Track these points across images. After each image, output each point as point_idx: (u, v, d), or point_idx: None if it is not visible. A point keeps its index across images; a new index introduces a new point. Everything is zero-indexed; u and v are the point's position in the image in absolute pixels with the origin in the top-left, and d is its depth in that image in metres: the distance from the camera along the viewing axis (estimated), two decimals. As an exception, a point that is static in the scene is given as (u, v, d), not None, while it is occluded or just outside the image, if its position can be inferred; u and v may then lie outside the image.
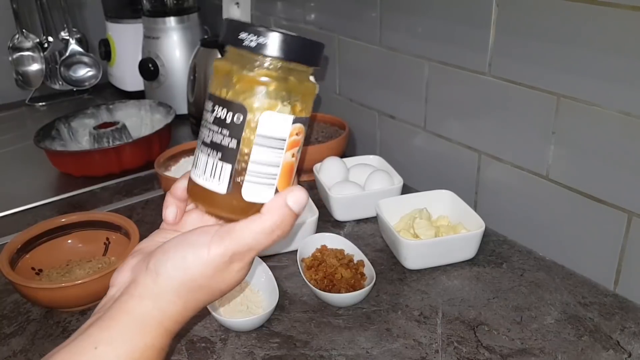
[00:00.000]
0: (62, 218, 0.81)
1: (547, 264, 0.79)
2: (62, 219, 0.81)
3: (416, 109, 0.95)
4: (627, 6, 0.62)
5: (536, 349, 0.64)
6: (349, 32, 1.06)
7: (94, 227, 0.82)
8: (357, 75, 1.08)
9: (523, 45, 0.75)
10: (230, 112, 0.40)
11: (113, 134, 1.11)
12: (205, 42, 1.23)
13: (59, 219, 0.81)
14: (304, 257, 0.78)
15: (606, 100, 0.67)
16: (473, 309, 0.70)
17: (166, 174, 0.95)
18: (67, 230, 0.81)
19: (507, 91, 0.79)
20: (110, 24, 1.47)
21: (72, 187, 1.05)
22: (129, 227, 0.78)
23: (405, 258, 0.77)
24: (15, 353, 0.67)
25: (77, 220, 0.81)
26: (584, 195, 0.73)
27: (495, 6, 0.77)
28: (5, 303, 0.76)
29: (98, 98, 1.55)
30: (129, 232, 0.77)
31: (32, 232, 0.78)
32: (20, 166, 1.19)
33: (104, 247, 0.81)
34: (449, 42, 0.85)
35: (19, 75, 1.49)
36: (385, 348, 0.65)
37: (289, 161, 0.43)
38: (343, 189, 0.89)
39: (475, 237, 0.77)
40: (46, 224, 0.80)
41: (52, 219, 0.81)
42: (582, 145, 0.72)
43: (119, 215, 0.81)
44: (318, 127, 1.07)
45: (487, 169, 0.86)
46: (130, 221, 0.79)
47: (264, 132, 0.40)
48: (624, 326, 0.67)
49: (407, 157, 1.01)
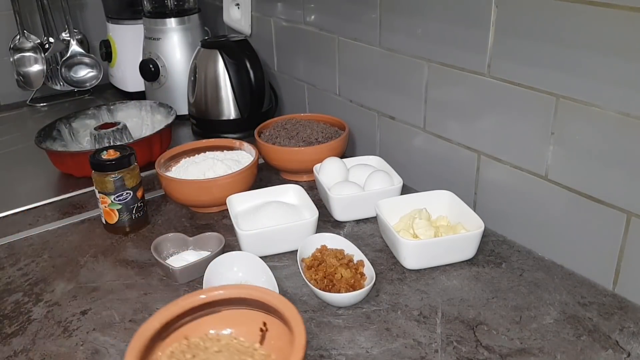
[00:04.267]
0: (201, 294, 0.58)
1: (546, 263, 0.79)
2: (202, 295, 0.58)
3: (416, 109, 0.96)
4: (626, 7, 0.63)
5: (535, 348, 0.64)
6: (349, 33, 1.06)
7: (248, 305, 0.59)
8: (357, 76, 1.08)
9: (522, 46, 0.75)
10: None
11: (114, 135, 1.12)
12: (206, 43, 1.24)
13: (198, 294, 0.58)
14: (304, 257, 0.78)
15: (605, 100, 0.68)
16: (472, 308, 0.71)
17: (167, 174, 0.95)
18: (214, 307, 0.59)
19: (506, 92, 0.79)
20: (111, 25, 1.48)
21: (73, 188, 1.06)
22: (289, 314, 0.55)
23: (405, 258, 0.77)
24: (17, 353, 0.67)
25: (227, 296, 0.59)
26: (583, 195, 0.73)
27: (494, 7, 0.77)
28: (7, 303, 0.76)
29: (99, 99, 1.55)
30: (289, 321, 0.54)
31: (169, 312, 0.56)
32: (22, 167, 1.20)
33: (260, 335, 0.59)
34: (449, 43, 0.86)
35: (20, 76, 1.50)
36: (385, 348, 0.65)
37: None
38: (343, 189, 0.90)
39: (474, 237, 0.77)
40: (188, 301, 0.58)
41: (192, 295, 0.58)
42: (581, 146, 0.72)
43: (278, 296, 0.57)
44: (318, 127, 1.07)
45: (486, 170, 0.86)
46: (291, 305, 0.56)
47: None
48: (623, 326, 0.67)
49: (407, 157, 1.01)
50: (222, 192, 0.91)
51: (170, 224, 0.93)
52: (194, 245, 0.84)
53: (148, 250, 0.82)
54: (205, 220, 0.94)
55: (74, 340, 0.69)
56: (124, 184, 0.87)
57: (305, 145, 1.03)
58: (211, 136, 1.19)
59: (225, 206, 0.90)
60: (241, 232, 0.80)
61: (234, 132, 1.24)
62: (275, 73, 1.34)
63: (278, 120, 1.13)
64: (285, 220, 0.84)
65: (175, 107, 1.25)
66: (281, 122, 1.11)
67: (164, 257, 0.81)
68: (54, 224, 0.95)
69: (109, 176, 0.86)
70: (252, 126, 1.11)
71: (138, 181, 0.89)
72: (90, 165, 0.87)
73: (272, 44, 1.31)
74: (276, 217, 0.84)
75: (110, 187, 0.86)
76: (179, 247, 0.84)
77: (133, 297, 0.76)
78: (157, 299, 0.75)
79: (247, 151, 1.03)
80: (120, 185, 0.87)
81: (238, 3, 1.37)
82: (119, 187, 0.87)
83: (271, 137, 1.07)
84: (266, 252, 0.82)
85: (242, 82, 1.20)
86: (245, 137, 1.18)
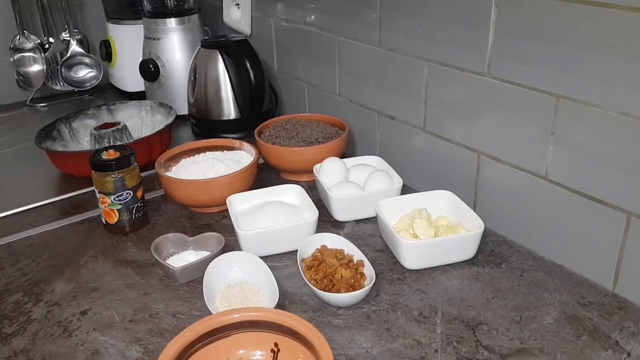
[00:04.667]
0: (218, 317, 0.59)
1: (546, 263, 0.79)
2: (219, 319, 0.59)
3: (416, 109, 0.96)
4: (625, 7, 0.63)
5: (535, 348, 0.64)
6: (349, 33, 1.06)
7: (259, 328, 0.60)
8: (357, 76, 1.08)
9: (522, 46, 0.75)
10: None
11: (114, 135, 1.11)
12: (206, 43, 1.24)
13: (214, 318, 0.59)
14: (304, 257, 0.78)
15: (605, 100, 0.68)
16: (472, 308, 0.71)
17: (167, 174, 0.95)
18: (225, 332, 0.59)
19: (506, 92, 0.79)
20: (111, 25, 1.48)
21: (73, 188, 1.06)
22: (310, 334, 0.55)
23: (405, 258, 0.77)
24: (17, 353, 0.67)
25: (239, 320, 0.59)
26: (583, 195, 0.73)
27: (494, 7, 0.77)
28: (7, 303, 0.76)
29: (99, 99, 1.55)
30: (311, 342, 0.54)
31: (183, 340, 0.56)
32: (22, 167, 1.20)
33: (271, 356, 0.60)
34: (449, 43, 0.86)
35: (20, 76, 1.50)
36: (385, 348, 0.65)
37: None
38: (343, 189, 0.90)
39: (474, 237, 0.77)
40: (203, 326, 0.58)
41: (209, 319, 0.58)
42: (581, 146, 0.72)
43: (294, 317, 0.57)
44: (318, 127, 1.07)
45: (486, 169, 0.86)
46: (310, 326, 0.56)
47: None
48: (623, 326, 0.67)
49: (407, 157, 1.01)
50: (222, 192, 0.91)
51: (170, 224, 0.93)
52: (194, 245, 0.84)
53: (148, 250, 0.82)
54: (205, 220, 0.94)
55: (74, 340, 0.69)
56: (124, 184, 0.87)
57: (305, 145, 1.03)
58: (211, 136, 1.19)
59: (225, 206, 0.90)
60: (241, 232, 0.80)
61: (234, 132, 1.24)
62: (275, 73, 1.34)
63: (278, 120, 1.13)
64: (285, 220, 0.84)
65: (175, 107, 1.25)
66: (281, 122, 1.11)
67: (164, 257, 0.81)
68: (54, 224, 0.95)
69: (109, 176, 0.86)
70: (252, 126, 1.11)
71: (138, 181, 0.89)
72: (90, 165, 0.87)
73: (272, 44, 1.31)
74: (276, 217, 0.84)
75: (110, 187, 0.86)
76: (179, 247, 0.84)
77: (133, 297, 0.76)
78: (157, 299, 0.75)
79: (247, 151, 1.03)
80: (120, 185, 0.87)
81: (238, 3, 1.37)
82: (119, 187, 0.87)
83: (271, 137, 1.07)
84: (266, 252, 0.82)
85: (242, 82, 1.20)
86: (245, 137, 1.18)
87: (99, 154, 0.88)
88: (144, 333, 0.69)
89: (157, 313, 0.73)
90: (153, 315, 0.72)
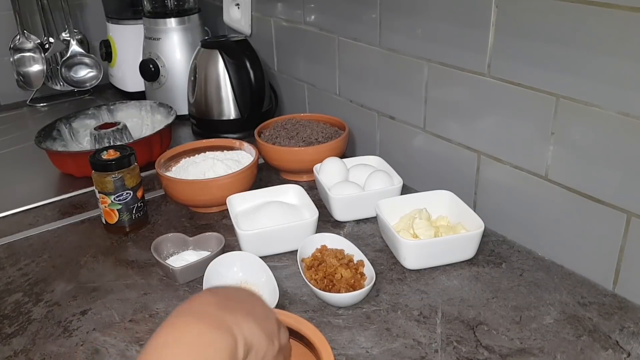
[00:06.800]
0: None
1: (546, 263, 0.79)
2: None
3: (416, 109, 0.96)
4: (626, 7, 0.63)
5: (535, 348, 0.64)
6: (349, 33, 1.06)
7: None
8: (357, 76, 1.08)
9: (522, 46, 0.75)
10: None
11: (114, 135, 1.12)
12: (206, 43, 1.24)
13: None
14: (304, 257, 0.78)
15: (605, 100, 0.68)
16: (472, 308, 0.71)
17: (167, 174, 0.95)
18: None
19: (506, 92, 0.79)
20: (111, 25, 1.48)
21: (73, 188, 1.06)
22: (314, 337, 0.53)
23: (405, 258, 0.77)
24: (17, 353, 0.67)
25: None
26: (583, 195, 0.73)
27: (494, 7, 0.77)
28: (7, 303, 0.76)
29: (99, 99, 1.55)
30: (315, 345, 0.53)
31: None
32: (22, 167, 1.20)
33: None
34: (449, 43, 0.86)
35: (20, 76, 1.50)
36: (385, 348, 0.65)
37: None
38: (343, 189, 0.90)
39: (474, 237, 0.77)
40: None
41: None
42: (581, 146, 0.72)
43: (295, 317, 0.56)
44: (318, 127, 1.07)
45: (486, 170, 0.86)
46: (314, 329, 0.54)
47: None
48: (623, 326, 0.67)
49: (407, 157, 1.01)
50: (222, 192, 0.91)
51: (170, 224, 0.93)
52: (194, 245, 0.84)
53: (148, 250, 0.82)
54: (205, 220, 0.94)
55: (74, 340, 0.69)
56: (124, 184, 0.87)
57: (305, 145, 1.03)
58: (211, 136, 1.19)
59: (225, 206, 0.90)
60: (241, 232, 0.80)
61: (234, 132, 1.24)
62: (275, 73, 1.34)
63: (278, 120, 1.13)
64: (285, 220, 0.84)
65: (175, 107, 1.25)
66: (281, 122, 1.11)
67: (164, 257, 0.81)
68: (54, 224, 0.95)
69: (109, 176, 0.86)
70: (252, 126, 1.11)
71: (138, 181, 0.89)
72: (90, 165, 0.87)
73: (272, 44, 1.31)
74: (276, 217, 0.84)
75: (110, 187, 0.86)
76: (179, 247, 0.84)
77: (133, 297, 0.76)
78: (157, 299, 0.75)
79: (247, 151, 1.03)
80: (120, 185, 0.87)
81: (238, 3, 1.37)
82: (119, 187, 0.87)
83: (271, 137, 1.07)
84: (266, 252, 0.82)
85: (242, 82, 1.20)
86: (245, 137, 1.18)
87: (99, 154, 0.88)
88: (144, 333, 0.69)
89: (157, 313, 0.73)
90: (153, 315, 0.72)
